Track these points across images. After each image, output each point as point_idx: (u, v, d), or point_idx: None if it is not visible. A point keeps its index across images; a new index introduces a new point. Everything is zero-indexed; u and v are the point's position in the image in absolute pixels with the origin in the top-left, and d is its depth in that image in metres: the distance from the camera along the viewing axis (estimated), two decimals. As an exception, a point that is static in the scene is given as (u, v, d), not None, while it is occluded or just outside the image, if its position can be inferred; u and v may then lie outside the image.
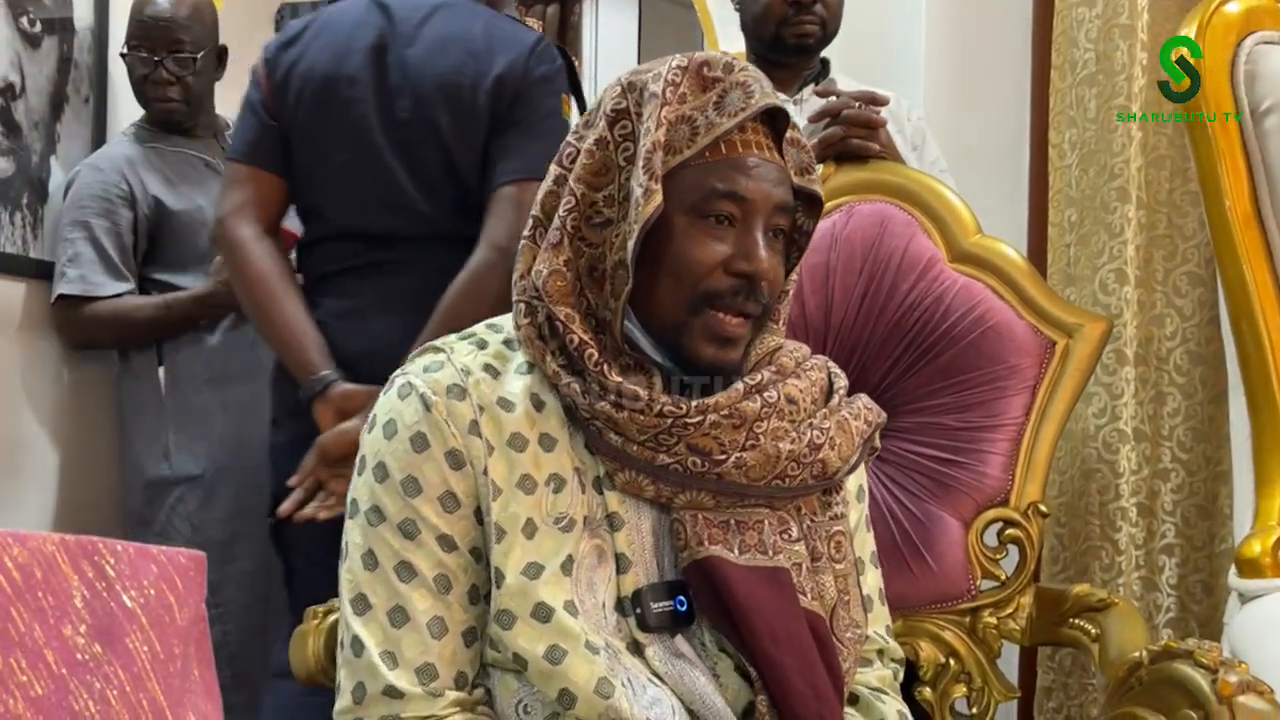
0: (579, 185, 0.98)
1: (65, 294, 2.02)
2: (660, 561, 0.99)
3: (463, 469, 0.95)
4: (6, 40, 2.05)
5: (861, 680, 1.09)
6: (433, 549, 0.96)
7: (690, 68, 0.97)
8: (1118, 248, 1.70)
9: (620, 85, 1.00)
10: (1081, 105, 1.77)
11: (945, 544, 1.39)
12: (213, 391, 2.05)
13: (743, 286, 0.96)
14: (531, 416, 0.97)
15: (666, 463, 0.96)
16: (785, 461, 0.98)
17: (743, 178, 0.95)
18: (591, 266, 0.98)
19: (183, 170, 2.11)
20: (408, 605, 0.95)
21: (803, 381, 1.03)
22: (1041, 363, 1.41)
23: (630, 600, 0.97)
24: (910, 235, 1.45)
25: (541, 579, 0.94)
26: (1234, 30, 1.43)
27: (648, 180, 0.93)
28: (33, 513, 2.06)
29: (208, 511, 2.03)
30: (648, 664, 0.96)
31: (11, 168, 2.06)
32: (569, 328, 0.96)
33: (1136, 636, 1.23)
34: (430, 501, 0.95)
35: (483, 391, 0.97)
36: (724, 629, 0.97)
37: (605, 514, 0.98)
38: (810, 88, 1.79)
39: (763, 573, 0.97)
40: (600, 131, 0.98)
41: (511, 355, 1.01)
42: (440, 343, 1.02)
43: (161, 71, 2.06)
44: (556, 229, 0.98)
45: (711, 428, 0.95)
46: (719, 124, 0.95)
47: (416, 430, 0.96)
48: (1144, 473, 1.70)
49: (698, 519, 0.97)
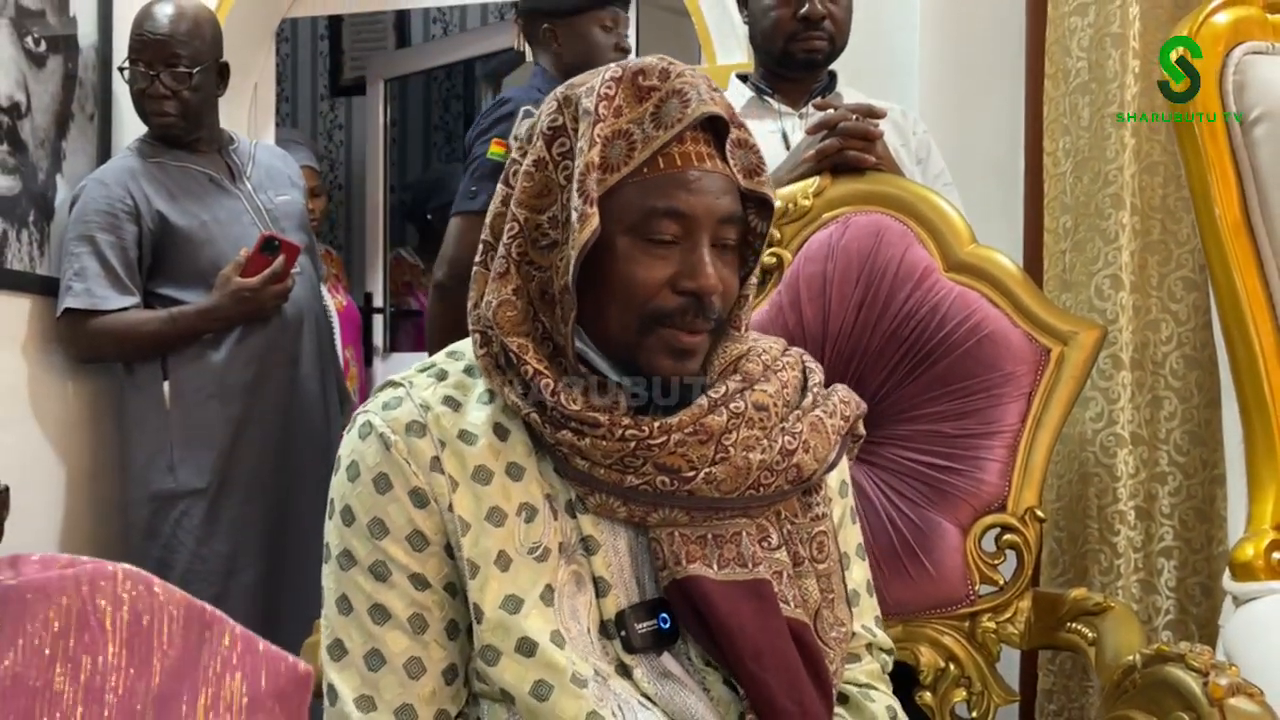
0: (521, 210, 0.95)
1: (71, 308, 2.04)
2: (640, 581, 0.98)
3: (427, 507, 0.95)
4: (12, 59, 2.07)
5: (850, 678, 1.08)
6: (405, 589, 0.95)
7: (624, 78, 0.94)
8: (1112, 254, 1.71)
9: (556, 100, 0.97)
10: (1075, 113, 1.78)
11: (944, 550, 1.40)
12: (217, 405, 2.06)
13: (691, 304, 0.94)
14: (495, 447, 0.96)
15: (636, 484, 0.94)
16: (757, 471, 0.96)
17: (683, 193, 0.92)
18: (543, 290, 0.96)
19: (186, 185, 2.12)
20: (383, 648, 0.95)
21: (772, 385, 1.01)
22: (1037, 370, 1.42)
23: (614, 623, 0.96)
24: (906, 245, 1.46)
25: (522, 612, 0.93)
26: (1223, 40, 1.44)
27: (582, 204, 0.90)
28: (39, 524, 2.08)
29: (212, 524, 2.04)
30: (637, 686, 0.96)
31: (18, 185, 2.08)
32: (523, 359, 0.94)
33: (1132, 640, 1.24)
34: (398, 542, 0.95)
35: (443, 426, 0.96)
36: (707, 647, 0.97)
37: (580, 538, 0.97)
38: (814, 101, 1.80)
39: (743, 587, 0.96)
40: (538, 152, 0.95)
41: (473, 384, 0.99)
42: (400, 377, 1.01)
43: (158, 86, 2.07)
44: (502, 257, 0.96)
45: (678, 446, 0.94)
46: (656, 137, 0.92)
47: (378, 471, 0.95)
48: (1141, 476, 1.71)
49: (674, 537, 0.96)
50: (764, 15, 1.81)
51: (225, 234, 2.10)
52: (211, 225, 2.10)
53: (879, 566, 1.38)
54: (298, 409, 2.15)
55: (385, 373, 3.89)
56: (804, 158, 1.54)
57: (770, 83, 1.87)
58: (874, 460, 1.44)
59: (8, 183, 2.06)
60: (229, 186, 2.16)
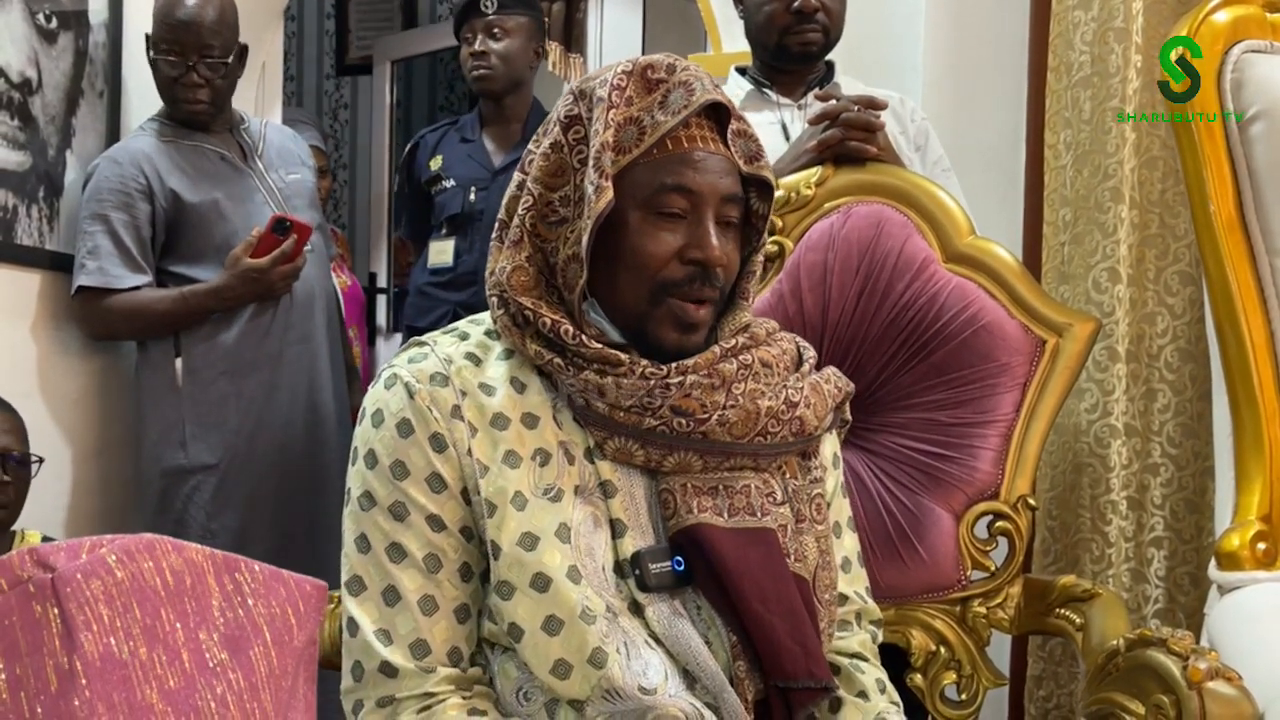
0: (536, 186, 1.04)
1: (85, 286, 2.05)
2: (655, 525, 1.03)
3: (445, 452, 1.00)
4: (23, 36, 2.08)
5: (842, 647, 1.12)
6: (422, 529, 1.00)
7: (635, 72, 1.03)
8: (1111, 247, 1.73)
9: (572, 93, 1.06)
10: (1077, 107, 1.80)
11: (937, 536, 1.43)
12: (229, 382, 2.07)
13: (698, 274, 1.01)
14: (513, 398, 1.02)
15: (653, 425, 1.00)
16: (765, 419, 1.03)
17: (690, 171, 1.01)
18: (548, 261, 1.04)
19: (200, 164, 2.13)
20: (399, 585, 1.00)
21: (774, 349, 1.09)
22: (1032, 361, 1.45)
23: (629, 562, 1.00)
24: (906, 236, 1.48)
25: (539, 549, 0.97)
26: (1221, 38, 1.46)
27: (598, 178, 0.99)
28: (50, 501, 2.11)
29: (223, 501, 2.06)
30: (647, 624, 0.99)
31: (28, 161, 2.09)
32: (539, 313, 1.02)
33: (1118, 625, 1.27)
34: (418, 484, 1.00)
35: (465, 378, 1.02)
36: (713, 593, 1.00)
37: (599, 482, 1.02)
38: (814, 92, 1.82)
39: (751, 534, 1.02)
40: (555, 136, 1.04)
41: (493, 344, 1.06)
42: (425, 337, 1.08)
43: (193, 75, 2.08)
44: (517, 227, 1.04)
45: (692, 388, 1.00)
46: (663, 122, 1.00)
47: (401, 417, 1.01)
48: (1134, 467, 1.74)
49: (687, 488, 1.02)
50: (758, 9, 1.83)
51: (238, 213, 2.11)
52: (224, 204, 2.11)
53: (873, 550, 1.41)
54: (309, 386, 2.17)
55: (388, 352, 3.92)
56: (806, 148, 1.56)
57: (768, 75, 1.89)
58: (870, 447, 1.46)
59: (18, 158, 2.07)
60: (241, 165, 2.18)
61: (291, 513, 2.13)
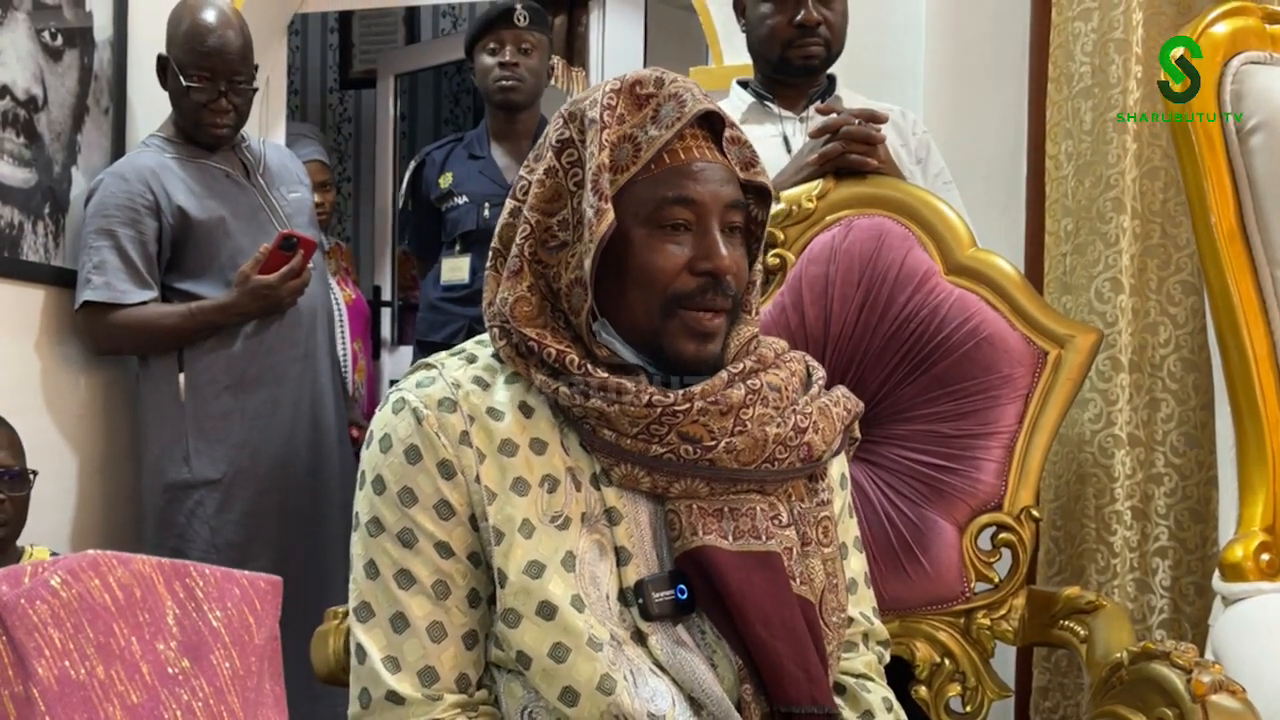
0: (533, 213, 1.03)
1: (90, 301, 2.06)
2: (660, 553, 1.03)
3: (454, 478, 1.00)
4: (29, 53, 2.10)
5: (848, 668, 1.12)
6: (430, 556, 1.00)
7: (623, 89, 1.02)
8: (1113, 257, 1.73)
9: (562, 117, 1.05)
10: (1078, 117, 1.80)
11: (940, 547, 1.43)
12: (232, 397, 2.09)
13: (709, 284, 1.01)
14: (521, 423, 1.02)
15: (660, 453, 1.00)
16: (773, 445, 1.02)
17: (690, 182, 1.00)
18: (551, 287, 1.03)
19: (205, 180, 2.14)
20: (407, 611, 0.99)
21: (783, 371, 1.08)
22: (1034, 372, 1.44)
23: (633, 591, 1.00)
24: (907, 248, 1.48)
25: (544, 577, 0.97)
26: (1221, 50, 1.46)
27: (597, 200, 0.98)
28: (54, 516, 2.11)
29: (226, 515, 2.07)
30: (650, 653, 0.99)
31: (34, 178, 2.11)
32: (543, 344, 1.01)
33: (1122, 637, 1.27)
34: (426, 510, 1.00)
35: (473, 403, 1.02)
36: (717, 616, 1.00)
37: (604, 509, 1.01)
38: (816, 105, 1.83)
39: (755, 557, 1.01)
40: (549, 162, 1.03)
41: (500, 368, 1.06)
42: (433, 359, 1.07)
43: (223, 101, 2.11)
44: (515, 257, 1.03)
45: (700, 414, 1.00)
46: (658, 137, 1.00)
47: (410, 443, 1.01)
48: (1138, 477, 1.74)
49: (692, 509, 1.01)
50: (760, 23, 1.84)
51: (243, 229, 2.13)
52: (230, 221, 2.13)
53: (877, 563, 1.41)
54: (312, 401, 2.18)
55: (393, 365, 3.92)
56: (807, 161, 1.56)
57: (769, 88, 1.90)
58: (873, 459, 1.46)
59: (24, 175, 2.09)
60: (244, 183, 2.19)
61: (293, 527, 2.13)
